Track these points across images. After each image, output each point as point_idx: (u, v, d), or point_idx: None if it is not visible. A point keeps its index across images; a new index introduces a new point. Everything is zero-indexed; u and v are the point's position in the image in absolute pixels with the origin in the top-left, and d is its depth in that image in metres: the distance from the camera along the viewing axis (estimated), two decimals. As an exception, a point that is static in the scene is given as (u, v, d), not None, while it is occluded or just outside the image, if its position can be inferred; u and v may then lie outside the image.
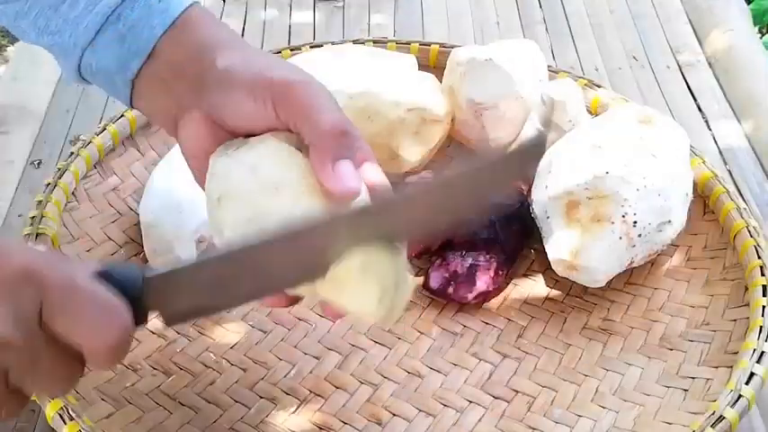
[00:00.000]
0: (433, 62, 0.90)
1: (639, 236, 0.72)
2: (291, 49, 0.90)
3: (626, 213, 0.71)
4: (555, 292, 0.76)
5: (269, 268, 0.51)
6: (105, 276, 0.47)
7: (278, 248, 0.50)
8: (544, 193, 0.74)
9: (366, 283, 0.51)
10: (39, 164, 0.91)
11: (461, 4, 1.16)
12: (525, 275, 0.78)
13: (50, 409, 0.60)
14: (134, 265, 0.49)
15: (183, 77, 0.58)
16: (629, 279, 0.76)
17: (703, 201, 0.79)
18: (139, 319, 0.48)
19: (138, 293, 0.48)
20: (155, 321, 0.51)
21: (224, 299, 0.51)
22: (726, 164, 0.92)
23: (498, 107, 0.82)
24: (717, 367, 0.68)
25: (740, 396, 0.62)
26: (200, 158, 0.57)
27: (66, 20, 0.60)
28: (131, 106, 0.61)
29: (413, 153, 0.81)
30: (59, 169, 0.78)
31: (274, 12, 1.16)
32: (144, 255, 0.76)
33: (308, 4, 1.17)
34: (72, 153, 0.80)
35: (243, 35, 1.11)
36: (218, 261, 0.50)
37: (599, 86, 0.87)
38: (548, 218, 0.74)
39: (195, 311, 0.52)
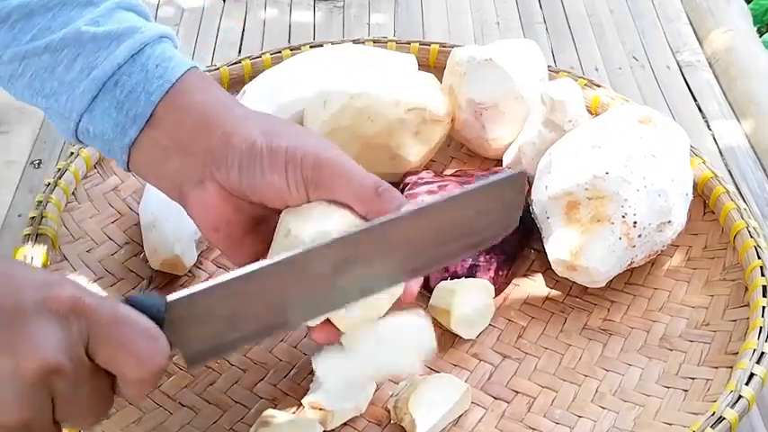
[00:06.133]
0: (433, 62, 0.90)
1: (639, 236, 0.72)
2: (291, 49, 0.90)
3: (626, 213, 0.71)
4: (555, 293, 0.76)
5: (282, 293, 0.52)
6: (132, 305, 0.48)
7: (288, 271, 0.51)
8: (544, 193, 0.74)
9: None
10: (39, 164, 0.91)
11: (461, 4, 1.16)
12: (525, 275, 0.78)
13: (50, 410, 0.60)
14: (154, 293, 0.51)
15: (188, 149, 0.58)
16: (629, 279, 0.76)
17: (703, 201, 0.79)
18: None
19: (161, 321, 0.49)
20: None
21: (243, 326, 0.52)
22: (726, 164, 0.92)
23: (498, 107, 0.82)
24: (717, 368, 0.68)
25: (740, 397, 0.62)
26: (221, 229, 0.59)
27: (62, 83, 0.60)
28: (128, 170, 0.62)
29: (413, 153, 0.81)
30: (59, 169, 0.79)
31: (274, 12, 1.16)
32: (144, 255, 0.76)
33: (308, 4, 1.17)
34: (72, 153, 0.80)
35: (243, 35, 1.11)
36: (235, 282, 0.50)
37: (599, 86, 0.87)
38: (547, 218, 0.74)
39: (216, 345, 0.52)
